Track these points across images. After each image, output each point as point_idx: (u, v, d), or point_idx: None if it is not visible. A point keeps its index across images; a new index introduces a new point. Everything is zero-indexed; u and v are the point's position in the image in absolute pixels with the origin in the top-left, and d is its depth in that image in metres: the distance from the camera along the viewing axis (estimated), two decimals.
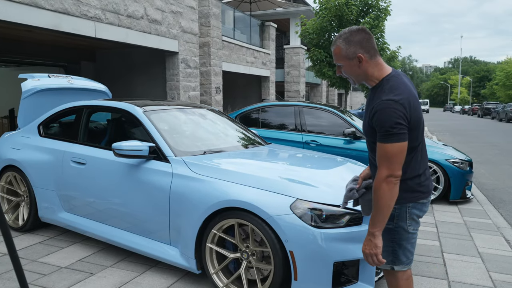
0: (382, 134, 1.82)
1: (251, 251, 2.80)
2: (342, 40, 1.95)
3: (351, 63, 1.95)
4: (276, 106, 6.70)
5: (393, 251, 2.02)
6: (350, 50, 1.93)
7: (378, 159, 1.87)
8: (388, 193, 1.83)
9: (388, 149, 1.82)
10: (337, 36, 2.00)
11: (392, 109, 1.79)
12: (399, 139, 1.81)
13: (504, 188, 7.01)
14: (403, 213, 1.98)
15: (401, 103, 1.81)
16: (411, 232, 2.00)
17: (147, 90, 10.18)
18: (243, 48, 13.86)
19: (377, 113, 1.83)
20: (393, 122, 1.79)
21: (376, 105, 1.85)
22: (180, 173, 3.08)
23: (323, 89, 24.86)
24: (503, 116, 31.49)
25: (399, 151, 1.82)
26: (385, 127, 1.80)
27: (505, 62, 58.51)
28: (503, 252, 3.87)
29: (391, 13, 11.10)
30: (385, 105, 1.81)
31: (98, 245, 3.83)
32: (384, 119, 1.80)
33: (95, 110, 4.05)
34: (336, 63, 2.02)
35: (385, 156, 1.83)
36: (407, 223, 1.98)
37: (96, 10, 6.74)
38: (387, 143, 1.82)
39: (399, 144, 1.81)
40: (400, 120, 1.79)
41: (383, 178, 1.83)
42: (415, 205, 1.99)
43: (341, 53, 1.95)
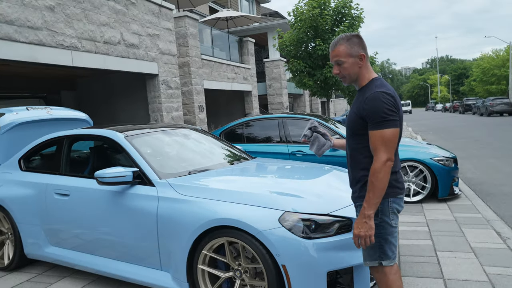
0: (378, 121, 1.98)
1: (244, 268, 2.76)
2: (346, 40, 2.12)
3: (354, 61, 2.11)
4: (260, 120, 6.72)
5: (380, 246, 2.10)
6: (354, 49, 2.10)
7: (374, 146, 1.99)
8: (386, 177, 1.98)
9: (385, 134, 1.97)
10: (337, 39, 2.15)
11: (385, 98, 1.99)
12: (394, 125, 1.98)
13: (491, 181, 7.11)
14: (386, 207, 2.09)
15: (392, 95, 2.02)
16: (394, 226, 2.11)
17: (130, 114, 10.13)
18: (223, 65, 13.93)
19: (371, 101, 2.00)
20: (387, 109, 1.97)
21: (370, 95, 2.02)
22: (166, 196, 3.04)
23: (306, 98, 25.06)
24: (484, 110, 32.12)
25: (394, 136, 1.98)
26: (379, 114, 1.97)
27: (480, 58, 59.96)
28: (494, 245, 3.90)
29: (364, 20, 11.32)
30: (379, 95, 2.00)
31: (88, 278, 3.73)
32: (378, 107, 1.97)
33: (76, 139, 4.00)
34: (338, 61, 2.12)
35: (382, 141, 1.97)
36: (390, 217, 2.10)
37: (72, 39, 6.72)
38: (383, 129, 1.97)
39: (394, 130, 1.98)
40: (393, 108, 1.99)
41: (384, 161, 1.96)
42: (395, 199, 2.11)
43: (346, 50, 2.10)
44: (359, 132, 2.10)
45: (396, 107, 2.00)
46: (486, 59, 56.07)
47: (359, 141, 2.12)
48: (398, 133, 2.01)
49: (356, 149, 2.15)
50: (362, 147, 2.11)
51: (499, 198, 5.91)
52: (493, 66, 53.00)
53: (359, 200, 2.18)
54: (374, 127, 2.00)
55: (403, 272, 3.41)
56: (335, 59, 2.14)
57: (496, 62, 53.00)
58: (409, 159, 5.66)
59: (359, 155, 2.14)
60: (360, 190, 2.16)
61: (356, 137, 2.13)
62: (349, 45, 2.10)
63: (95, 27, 7.25)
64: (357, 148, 2.14)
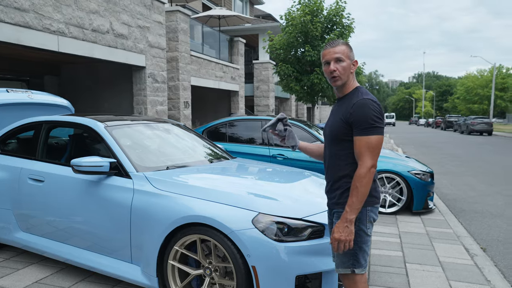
0: (365, 127, 2.00)
1: (214, 267, 2.77)
2: (344, 44, 2.17)
3: (349, 64, 2.15)
4: (244, 121, 6.73)
5: (354, 254, 2.11)
6: (351, 54, 2.17)
7: (360, 151, 2.01)
8: (370, 182, 2.00)
9: (371, 140, 2.00)
10: (336, 40, 2.22)
11: (373, 106, 2.03)
12: (380, 132, 2.02)
13: (465, 198, 7.27)
14: (363, 216, 2.10)
15: (378, 104, 2.07)
16: (369, 235, 2.13)
17: (113, 105, 10.01)
18: (212, 63, 13.89)
19: (358, 108, 2.03)
20: (375, 116, 2.01)
21: (357, 102, 2.05)
22: (141, 189, 3.02)
23: (292, 103, 25.19)
24: (464, 128, 32.84)
25: (379, 143, 2.02)
26: (367, 120, 2.00)
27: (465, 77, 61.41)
28: (462, 260, 3.99)
29: (354, 30, 11.46)
30: (367, 102, 2.04)
31: (56, 266, 3.68)
32: (366, 113, 2.01)
33: (55, 125, 3.94)
34: (339, 57, 2.12)
35: (368, 147, 2.00)
36: (366, 226, 2.11)
37: (60, 24, 6.61)
38: (370, 135, 2.00)
39: (380, 137, 2.02)
40: (379, 115, 2.03)
41: (369, 167, 1.99)
42: (372, 208, 2.13)
43: (346, 51, 2.14)
44: (344, 138, 2.10)
45: (381, 115, 2.05)
46: (470, 78, 57.45)
47: (343, 147, 2.12)
48: (382, 140, 2.04)
49: (339, 156, 2.15)
50: (346, 153, 2.12)
51: (470, 215, 6.05)
52: (477, 86, 54.32)
53: (337, 207, 2.17)
54: (361, 133, 2.01)
55: (371, 281, 3.46)
56: (336, 56, 2.12)
57: (480, 82, 54.34)
58: (388, 171, 5.75)
59: (341, 162, 2.14)
60: (339, 196, 2.16)
61: (339, 144, 2.13)
62: (348, 48, 2.16)
63: (84, 14, 7.14)
64: (340, 154, 2.14)
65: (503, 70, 53.95)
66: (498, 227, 5.40)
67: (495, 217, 5.94)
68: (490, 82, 50.10)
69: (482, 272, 3.71)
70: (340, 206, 2.15)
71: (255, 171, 3.80)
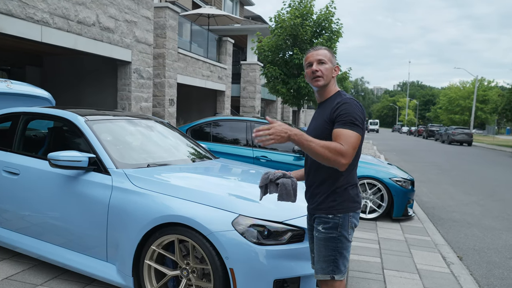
0: (347, 121, 1.97)
1: (192, 268, 2.72)
2: (327, 49, 2.21)
3: (331, 68, 2.16)
4: (228, 121, 6.69)
5: (334, 260, 2.08)
6: (333, 59, 2.20)
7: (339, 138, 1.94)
8: (330, 159, 1.88)
9: (351, 135, 1.95)
10: (318, 46, 2.27)
11: (356, 106, 2.04)
12: (360, 132, 2.00)
13: (444, 206, 7.38)
14: (345, 222, 2.09)
15: (361, 105, 2.08)
16: (350, 241, 2.12)
17: (97, 99, 9.84)
18: (199, 62, 13.81)
19: (344, 105, 2.02)
20: (358, 115, 2.01)
21: (342, 100, 2.05)
22: (120, 186, 2.95)
23: (278, 105, 25.23)
24: (445, 138, 33.45)
25: (358, 141, 1.99)
26: (351, 115, 1.98)
27: (448, 88, 62.65)
28: (439, 268, 4.03)
29: (343, 35, 11.55)
30: (352, 101, 2.05)
31: (29, 262, 3.57)
32: (351, 110, 2.00)
33: (33, 117, 3.83)
34: (322, 60, 2.14)
35: (347, 138, 1.93)
36: (348, 232, 2.10)
37: (44, 14, 6.46)
38: (351, 130, 1.96)
39: (359, 136, 2.00)
40: (362, 116, 2.03)
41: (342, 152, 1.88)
42: (354, 214, 2.13)
43: (328, 55, 2.17)
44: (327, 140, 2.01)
45: (364, 117, 2.05)
46: (453, 89, 58.62)
47: None
48: (360, 141, 2.02)
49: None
50: None
51: (448, 224, 6.14)
52: (459, 97, 55.46)
53: (318, 212, 2.14)
54: (342, 126, 1.97)
55: (349, 287, 3.46)
56: (319, 57, 2.15)
57: (462, 93, 55.49)
58: (369, 177, 5.79)
59: (324, 167, 2.06)
60: (321, 201, 2.12)
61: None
62: (330, 53, 2.19)
63: (70, 4, 7.00)
64: None
65: (484, 83, 55.20)
66: (475, 236, 5.49)
67: (472, 226, 6.03)
68: (472, 93, 51.21)
69: (458, 280, 3.75)
70: (322, 211, 2.12)
71: (238, 173, 3.76)
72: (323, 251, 2.11)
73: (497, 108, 34.27)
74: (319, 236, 2.12)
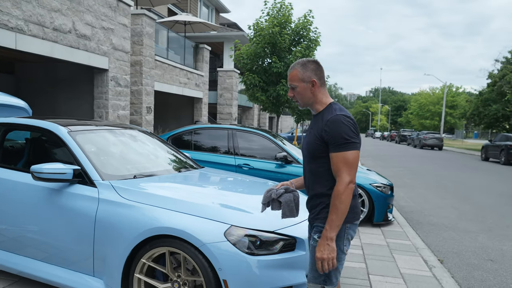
0: (340, 143, 1.99)
1: (183, 280, 2.69)
2: (300, 65, 2.16)
3: (305, 86, 2.14)
4: (209, 129, 6.66)
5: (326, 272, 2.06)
6: (306, 74, 2.14)
7: (337, 168, 2.00)
8: (348, 199, 1.97)
9: (348, 156, 1.98)
10: (294, 63, 2.20)
11: (346, 121, 2.02)
12: (355, 147, 2.01)
13: (421, 210, 7.56)
14: (342, 233, 2.07)
15: (352, 119, 2.06)
16: (345, 253, 2.11)
17: (72, 108, 9.62)
18: (176, 69, 13.72)
19: (332, 124, 2.01)
20: (349, 131, 2.00)
21: (331, 118, 2.03)
22: (107, 199, 2.89)
23: (255, 112, 25.32)
24: (417, 142, 34.36)
25: (355, 158, 2.00)
26: (342, 136, 1.99)
27: (418, 94, 64.51)
28: (422, 272, 4.13)
29: (320, 43, 11.74)
30: (340, 117, 2.02)
31: (9, 278, 3.43)
32: (340, 129, 1.99)
33: (12, 128, 3.71)
34: (291, 85, 2.18)
35: (345, 162, 1.98)
36: (343, 243, 2.09)
37: (18, 21, 6.28)
38: (346, 151, 1.98)
39: (355, 152, 2.01)
40: (354, 131, 2.02)
41: (347, 183, 1.97)
42: (351, 226, 2.11)
43: (298, 76, 2.14)
44: (321, 155, 2.08)
45: (356, 130, 2.04)
46: (423, 95, 60.43)
47: (321, 164, 2.10)
48: (358, 156, 2.03)
49: (317, 173, 2.13)
50: (323, 170, 2.09)
51: (427, 227, 6.30)
52: (429, 102, 57.19)
53: (316, 221, 2.14)
54: (336, 149, 1.99)
55: None
56: (289, 83, 2.19)
57: (432, 99, 57.24)
58: None
59: (320, 179, 2.11)
60: (319, 211, 2.13)
61: (317, 161, 2.11)
62: (302, 70, 2.14)
63: (45, 11, 6.84)
64: (318, 171, 2.12)
65: (453, 89, 57.16)
66: (453, 239, 5.65)
67: (449, 229, 6.21)
68: (441, 99, 52.91)
69: (440, 283, 3.85)
70: (320, 220, 2.12)
71: (225, 182, 3.75)
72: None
73: (465, 113, 35.53)
74: (313, 244, 2.13)
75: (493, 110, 28.71)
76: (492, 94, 29.08)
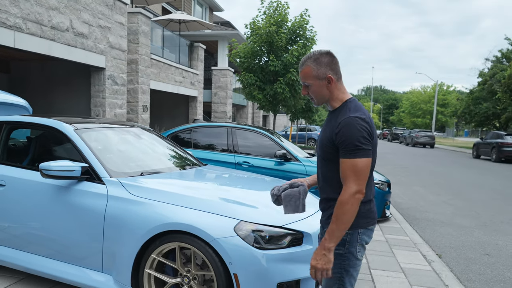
0: (350, 149, 1.83)
1: (193, 275, 2.73)
2: (312, 61, 1.97)
3: (321, 83, 1.96)
4: (209, 127, 6.70)
5: (340, 278, 1.95)
6: (321, 71, 1.95)
7: (344, 175, 1.85)
8: (353, 209, 1.82)
9: (357, 163, 1.82)
10: (305, 57, 2.00)
11: (360, 125, 1.84)
12: (366, 154, 1.84)
13: (416, 207, 7.68)
14: (354, 238, 1.94)
15: (366, 121, 1.87)
16: (359, 259, 1.97)
17: (68, 106, 9.59)
18: (171, 67, 13.71)
19: (344, 128, 1.84)
20: (361, 137, 1.82)
21: (343, 121, 1.86)
22: (116, 195, 2.93)
23: (249, 110, 25.37)
24: (409, 140, 34.69)
25: (366, 167, 1.84)
26: (353, 141, 1.82)
27: (410, 92, 65.05)
28: (421, 266, 4.22)
29: (317, 42, 11.82)
30: (353, 121, 1.84)
31: (16, 276, 3.45)
32: (351, 134, 1.82)
33: (17, 126, 3.72)
34: (304, 83, 2.00)
35: (353, 170, 1.82)
36: (357, 249, 1.95)
37: (17, 19, 6.26)
38: (356, 158, 1.82)
39: (366, 160, 1.84)
40: (367, 136, 1.84)
41: (352, 193, 1.81)
42: (365, 231, 1.97)
43: (311, 73, 1.96)
44: (331, 158, 1.94)
45: (370, 134, 1.86)
46: (415, 94, 60.93)
47: (330, 169, 1.96)
48: (370, 163, 1.86)
49: (328, 178, 2.00)
50: (335, 174, 1.94)
51: (424, 223, 6.41)
52: (420, 101, 57.69)
53: (327, 226, 1.99)
54: (346, 155, 1.84)
55: None
56: (302, 82, 2.02)
57: (423, 98, 57.75)
58: None
59: (332, 184, 1.97)
60: (329, 217, 1.97)
61: (328, 164, 1.97)
62: (316, 66, 1.95)
63: (43, 9, 6.82)
64: (329, 176, 1.98)
65: (444, 87, 57.72)
66: (450, 235, 5.76)
67: (445, 225, 6.33)
68: (432, 98, 53.40)
69: (440, 277, 3.94)
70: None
71: (229, 179, 3.80)
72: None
73: (456, 111, 35.92)
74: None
75: (484, 108, 29.10)
76: (483, 93, 29.47)
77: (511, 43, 29.31)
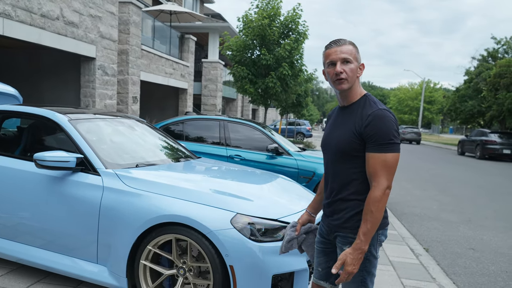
0: (382, 143, 1.75)
1: (188, 266, 2.76)
2: (352, 44, 1.89)
3: (356, 67, 1.87)
4: (201, 120, 6.69)
5: (362, 280, 1.89)
6: (359, 56, 1.90)
7: (374, 170, 1.76)
8: (384, 206, 1.77)
9: (389, 158, 1.75)
10: (341, 39, 1.90)
11: (391, 118, 1.79)
12: (398, 149, 1.79)
13: (404, 202, 7.82)
14: (374, 240, 1.88)
15: (395, 116, 1.82)
16: (377, 258, 1.93)
17: (57, 96, 9.45)
18: (162, 59, 13.60)
19: (375, 120, 1.77)
20: (394, 130, 1.77)
21: (373, 113, 1.78)
22: (112, 187, 2.93)
23: (239, 104, 25.34)
24: None
25: (396, 162, 1.78)
26: (387, 135, 1.75)
27: (397, 89, 65.60)
28: (409, 260, 4.32)
29: (308, 37, 11.84)
30: (385, 113, 1.78)
31: (7, 266, 3.43)
32: (385, 127, 1.75)
33: (10, 116, 3.68)
34: (347, 58, 1.84)
35: (385, 165, 1.75)
36: (377, 250, 1.91)
37: (6, 6, 6.14)
38: (388, 153, 1.75)
39: (397, 155, 1.78)
40: (398, 130, 1.80)
41: (384, 189, 1.75)
42: (383, 231, 1.94)
43: (354, 52, 1.86)
44: (356, 154, 1.83)
45: (399, 130, 1.83)
46: (402, 90, 61.47)
47: (355, 165, 1.85)
48: (398, 159, 1.79)
49: (348, 174, 1.88)
50: (359, 171, 1.85)
51: (411, 218, 6.53)
52: (408, 98, 58.24)
53: (343, 231, 1.91)
54: (377, 149, 1.76)
55: None
56: (343, 56, 1.84)
57: (410, 94, 58.30)
58: None
59: (352, 181, 1.87)
60: (348, 219, 1.89)
61: (350, 161, 1.86)
62: (355, 49, 1.88)
63: None
64: (350, 173, 1.87)
65: (431, 84, 58.37)
66: (436, 229, 5.89)
67: (432, 220, 6.46)
68: (419, 95, 53.95)
69: (427, 270, 4.04)
70: (348, 230, 1.90)
71: (225, 171, 3.82)
72: None
73: (442, 108, 36.39)
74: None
75: (469, 106, 29.54)
76: (469, 91, 29.89)
77: (497, 42, 29.75)
